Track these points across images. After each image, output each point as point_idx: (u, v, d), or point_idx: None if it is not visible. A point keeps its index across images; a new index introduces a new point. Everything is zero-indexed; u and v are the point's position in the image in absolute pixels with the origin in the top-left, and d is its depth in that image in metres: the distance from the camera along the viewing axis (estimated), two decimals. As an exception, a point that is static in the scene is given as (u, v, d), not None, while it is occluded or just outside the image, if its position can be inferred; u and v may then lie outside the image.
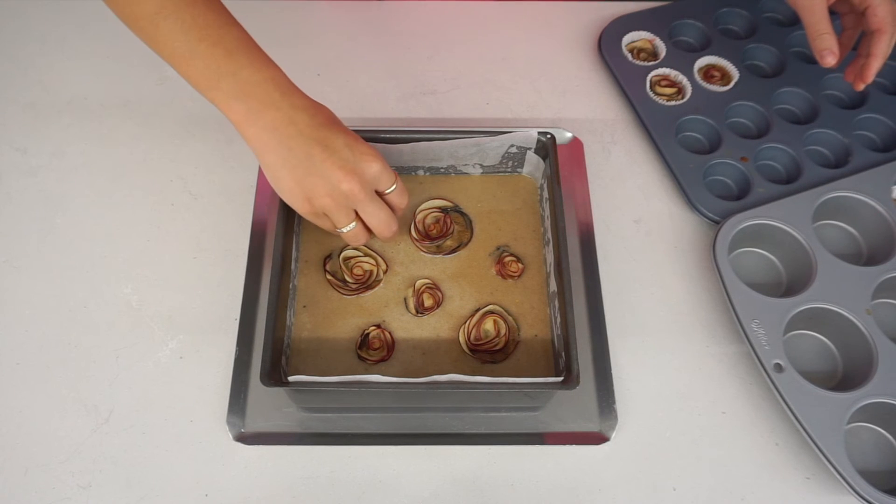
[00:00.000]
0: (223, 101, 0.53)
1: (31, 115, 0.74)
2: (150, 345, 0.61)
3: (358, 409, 0.59)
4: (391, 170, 0.56)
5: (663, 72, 0.77)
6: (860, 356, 0.60)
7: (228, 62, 0.52)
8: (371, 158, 0.54)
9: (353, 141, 0.54)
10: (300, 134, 0.53)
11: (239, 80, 0.52)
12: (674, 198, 0.71)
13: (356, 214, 0.57)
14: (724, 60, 0.78)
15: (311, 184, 0.54)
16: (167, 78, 0.77)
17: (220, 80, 0.52)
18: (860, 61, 0.66)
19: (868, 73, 0.65)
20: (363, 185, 0.54)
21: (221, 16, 0.53)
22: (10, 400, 0.59)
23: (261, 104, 0.52)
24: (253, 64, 0.53)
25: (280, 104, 0.53)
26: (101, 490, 0.55)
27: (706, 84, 0.76)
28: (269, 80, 0.53)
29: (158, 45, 0.53)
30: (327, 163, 0.53)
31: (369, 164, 0.54)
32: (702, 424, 0.60)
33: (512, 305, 0.62)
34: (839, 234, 0.69)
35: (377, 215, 0.57)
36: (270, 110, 0.52)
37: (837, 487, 0.55)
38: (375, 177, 0.55)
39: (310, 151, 0.53)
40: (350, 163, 0.54)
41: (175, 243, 0.67)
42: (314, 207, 0.55)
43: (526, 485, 0.57)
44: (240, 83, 0.52)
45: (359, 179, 0.54)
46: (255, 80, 0.53)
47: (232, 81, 0.52)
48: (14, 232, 0.67)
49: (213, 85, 0.53)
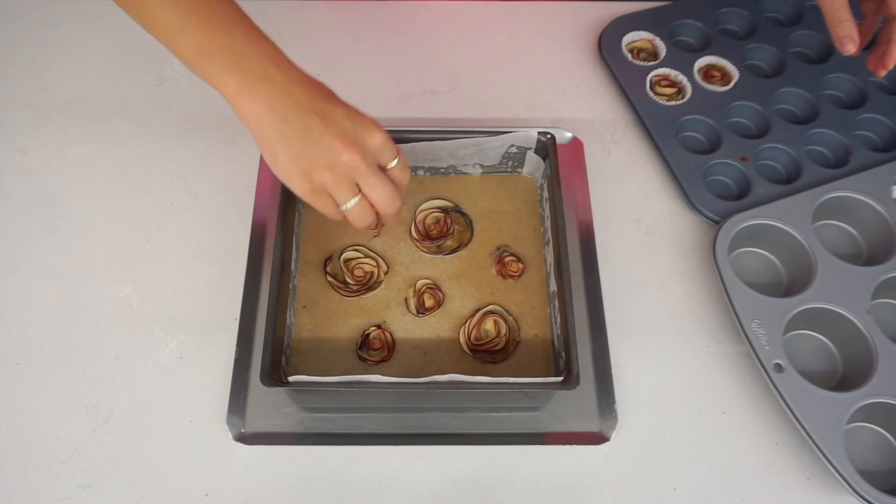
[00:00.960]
0: (216, 74, 0.50)
1: (31, 115, 0.74)
2: (150, 345, 0.61)
3: (358, 409, 0.59)
4: (393, 143, 0.53)
5: (663, 72, 0.77)
6: (860, 356, 0.60)
7: (221, 35, 0.50)
8: (372, 128, 0.52)
9: (352, 112, 0.52)
10: (297, 106, 0.50)
11: (232, 52, 0.50)
12: (674, 198, 0.71)
13: (359, 190, 0.53)
14: (724, 60, 0.78)
15: (310, 157, 0.51)
16: (167, 78, 0.77)
17: (213, 54, 0.50)
18: (881, 48, 0.65)
19: (889, 60, 0.64)
20: (365, 156, 0.51)
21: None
22: (10, 400, 0.59)
23: (255, 77, 0.50)
24: (247, 36, 0.51)
25: (276, 77, 0.50)
26: (101, 490, 0.55)
27: (706, 84, 0.76)
28: (264, 54, 0.51)
29: (151, 23, 0.51)
30: (326, 133, 0.50)
31: (371, 135, 0.52)
32: (702, 424, 0.60)
33: (512, 305, 0.62)
34: (839, 234, 0.69)
35: (380, 189, 0.53)
36: (265, 83, 0.50)
37: (837, 487, 0.55)
38: (378, 148, 0.52)
39: (307, 123, 0.50)
40: (351, 132, 0.51)
41: (175, 243, 0.67)
42: (314, 184, 0.52)
43: (526, 485, 0.57)
44: (233, 56, 0.50)
45: (360, 150, 0.51)
46: (250, 54, 0.50)
47: (225, 54, 0.50)
48: (14, 232, 0.67)
49: (205, 59, 0.50)
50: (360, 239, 0.65)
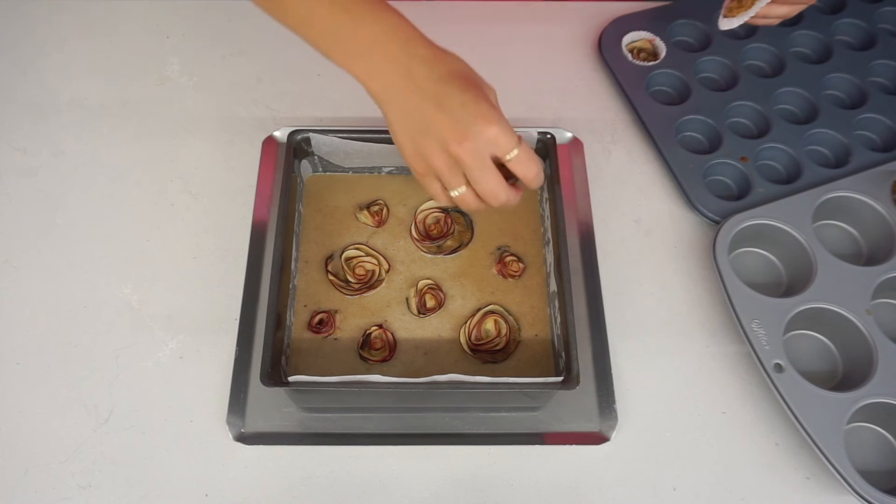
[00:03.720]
0: (346, 61, 0.51)
1: (31, 115, 0.74)
2: (150, 345, 0.61)
3: (358, 409, 0.59)
4: (512, 134, 0.50)
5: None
6: (860, 356, 0.60)
7: (346, 18, 0.50)
8: (486, 121, 0.49)
9: (470, 99, 0.49)
10: (417, 89, 0.50)
11: (357, 36, 0.50)
12: (674, 198, 0.71)
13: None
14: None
15: (423, 143, 0.51)
16: (167, 78, 0.77)
17: (340, 41, 0.51)
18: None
19: None
20: (474, 151, 0.50)
21: None
22: (10, 400, 0.59)
23: (380, 59, 0.50)
24: (371, 15, 0.50)
25: (398, 57, 0.50)
26: (101, 490, 0.55)
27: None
28: (387, 32, 0.50)
29: (283, 14, 0.52)
30: (438, 123, 0.49)
31: (483, 128, 0.49)
32: (702, 424, 0.60)
33: (512, 305, 0.62)
34: (839, 234, 0.69)
35: (484, 184, 0.51)
36: (389, 65, 0.50)
37: (837, 487, 0.55)
38: (491, 141, 0.50)
39: (423, 109, 0.50)
40: (462, 125, 0.49)
41: (175, 243, 0.67)
42: (426, 166, 0.52)
43: (526, 484, 0.57)
44: (358, 40, 0.50)
45: (470, 144, 0.49)
46: (373, 34, 0.50)
47: (351, 40, 0.51)
48: (14, 232, 0.67)
49: (334, 46, 0.51)
50: (361, 238, 0.65)
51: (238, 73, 0.77)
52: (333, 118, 0.73)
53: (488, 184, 0.51)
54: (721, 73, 0.79)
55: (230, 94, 0.76)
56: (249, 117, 0.74)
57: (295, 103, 0.75)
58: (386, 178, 0.69)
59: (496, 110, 0.50)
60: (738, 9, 0.68)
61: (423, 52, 0.51)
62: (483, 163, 0.51)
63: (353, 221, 0.66)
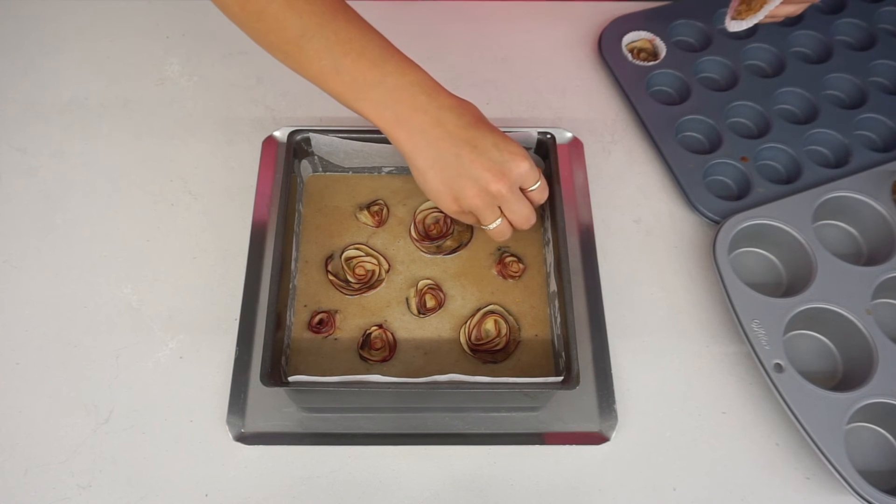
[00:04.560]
0: (372, 110, 0.54)
1: (31, 115, 0.74)
2: (150, 345, 0.61)
3: (358, 409, 0.59)
4: (536, 168, 0.57)
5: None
6: (860, 356, 0.60)
7: (374, 72, 0.53)
8: (520, 158, 0.55)
9: (500, 140, 0.55)
10: (449, 135, 0.53)
11: (385, 88, 0.53)
12: (674, 198, 0.71)
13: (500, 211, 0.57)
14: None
15: (461, 185, 0.54)
16: (167, 78, 0.77)
17: (368, 91, 0.53)
18: None
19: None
20: (511, 186, 0.55)
21: (362, 27, 0.54)
22: (10, 400, 0.59)
23: (409, 109, 0.53)
24: (398, 70, 0.54)
25: (427, 107, 0.53)
26: (101, 490, 0.55)
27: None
28: (414, 84, 0.54)
29: (303, 67, 0.54)
30: (476, 164, 0.53)
31: (517, 164, 0.55)
32: (702, 424, 0.60)
33: (512, 305, 0.62)
34: (839, 234, 0.69)
35: (520, 212, 0.57)
36: (418, 114, 0.53)
37: (837, 487, 0.55)
38: (522, 176, 0.55)
39: (458, 153, 0.53)
40: (498, 164, 0.54)
41: (175, 243, 0.67)
42: (461, 205, 0.56)
43: (526, 485, 0.57)
44: (386, 91, 0.53)
45: (507, 180, 0.54)
46: (401, 85, 0.53)
47: (379, 90, 0.53)
48: (14, 232, 0.67)
49: (360, 96, 0.53)
50: (361, 238, 0.65)
51: (238, 73, 0.77)
52: (333, 118, 0.73)
53: (524, 211, 0.57)
54: (721, 73, 0.79)
55: (230, 94, 0.76)
56: (249, 117, 0.74)
57: (295, 103, 0.75)
58: (386, 178, 0.69)
59: (522, 148, 0.56)
60: (747, 11, 0.67)
61: (448, 102, 0.54)
62: (518, 194, 0.56)
63: (352, 221, 0.66)
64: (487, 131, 0.55)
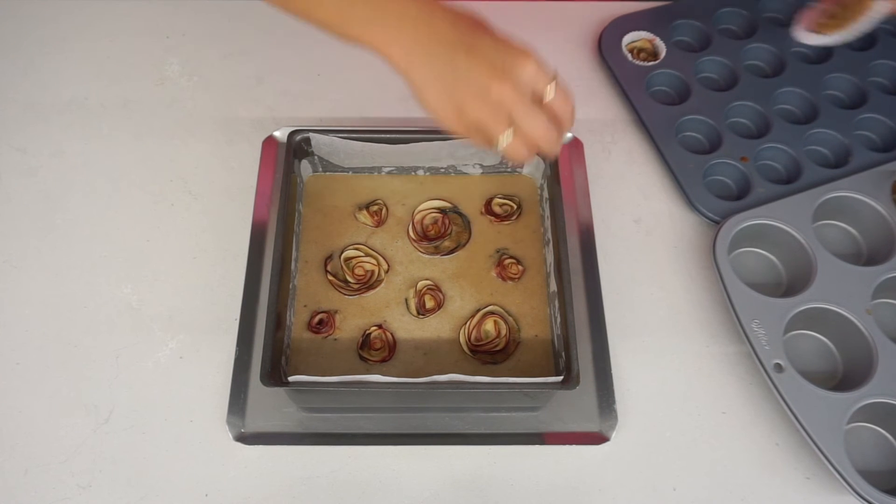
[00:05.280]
0: (360, 30, 0.49)
1: (31, 115, 0.74)
2: (150, 345, 0.61)
3: (358, 409, 0.59)
4: (547, 66, 0.49)
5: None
6: (860, 356, 0.60)
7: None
8: (524, 58, 0.48)
9: (500, 41, 0.49)
10: (442, 42, 0.48)
11: (369, 4, 0.49)
12: (674, 198, 0.71)
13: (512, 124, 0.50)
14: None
15: (460, 93, 0.48)
16: (167, 78, 0.77)
17: (353, 9, 0.49)
18: None
19: None
20: (516, 88, 0.48)
21: None
22: (10, 400, 0.59)
23: (398, 21, 0.49)
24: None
25: (417, 17, 0.49)
26: (101, 490, 0.55)
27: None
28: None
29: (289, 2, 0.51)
30: (474, 67, 0.48)
31: (522, 65, 0.48)
32: (702, 424, 0.60)
33: (512, 306, 0.62)
34: (839, 234, 0.69)
35: (532, 121, 0.49)
36: (409, 26, 0.48)
37: (837, 487, 0.55)
38: (530, 78, 0.48)
39: (454, 58, 0.48)
40: (499, 64, 0.48)
41: (175, 243, 0.67)
42: (467, 121, 0.49)
43: (526, 485, 0.57)
44: (371, 5, 0.49)
45: (510, 81, 0.48)
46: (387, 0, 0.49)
47: (364, 7, 0.49)
48: (14, 232, 0.67)
49: (346, 18, 0.49)
50: (361, 238, 0.65)
51: (238, 73, 0.77)
52: (333, 118, 0.73)
53: (538, 119, 0.49)
54: (721, 73, 0.79)
55: (230, 94, 0.76)
56: (249, 117, 0.74)
57: (295, 103, 0.75)
58: (385, 178, 0.69)
59: (528, 49, 0.49)
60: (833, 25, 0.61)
61: (440, 11, 0.49)
62: (528, 100, 0.49)
63: (352, 221, 0.66)
64: (486, 34, 0.49)
